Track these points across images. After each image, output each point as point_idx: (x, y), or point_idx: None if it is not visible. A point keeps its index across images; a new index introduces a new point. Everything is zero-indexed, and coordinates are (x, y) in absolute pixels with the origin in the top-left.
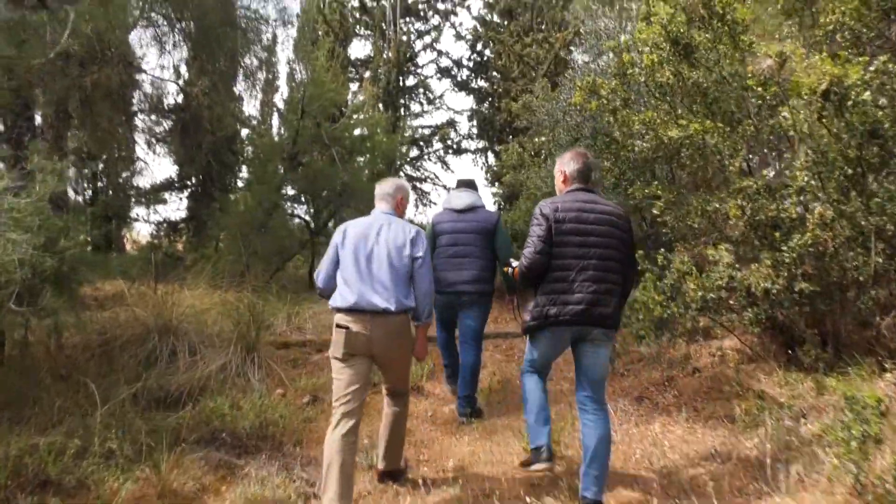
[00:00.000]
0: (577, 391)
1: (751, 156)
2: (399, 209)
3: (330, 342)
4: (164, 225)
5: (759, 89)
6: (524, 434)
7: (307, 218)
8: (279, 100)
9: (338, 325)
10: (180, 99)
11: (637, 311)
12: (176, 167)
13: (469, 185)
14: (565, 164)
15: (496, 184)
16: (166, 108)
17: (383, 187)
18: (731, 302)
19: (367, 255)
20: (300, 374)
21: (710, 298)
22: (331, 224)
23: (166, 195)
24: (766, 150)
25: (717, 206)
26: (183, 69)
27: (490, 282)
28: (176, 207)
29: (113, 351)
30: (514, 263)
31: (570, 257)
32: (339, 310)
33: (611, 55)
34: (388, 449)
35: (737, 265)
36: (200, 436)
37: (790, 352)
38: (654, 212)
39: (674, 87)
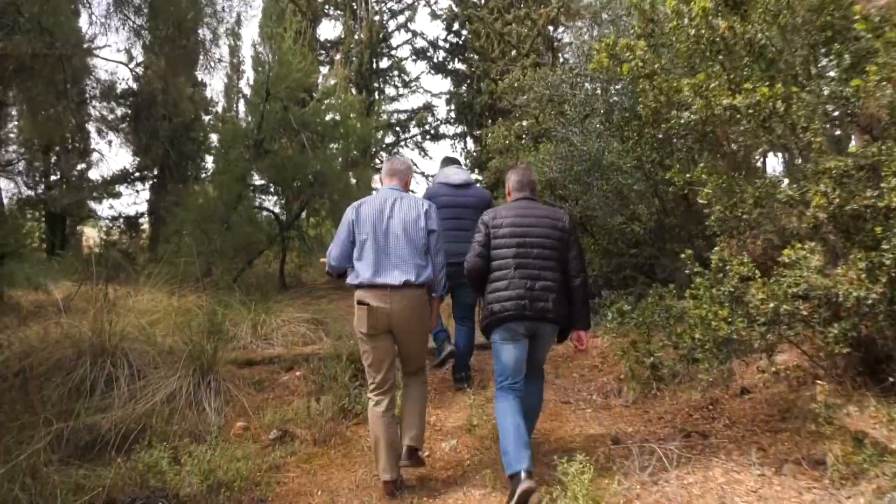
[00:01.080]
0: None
1: (835, 129)
2: (406, 187)
3: (302, 355)
4: (120, 220)
5: (869, 35)
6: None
7: (276, 210)
8: (245, 85)
9: (359, 302)
10: (133, 83)
11: (692, 327)
12: (131, 158)
13: (457, 162)
14: (508, 179)
15: (476, 170)
16: (118, 92)
17: (394, 164)
18: (805, 313)
19: (383, 230)
20: (266, 400)
21: (783, 311)
22: (303, 216)
23: (122, 188)
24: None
25: (792, 193)
26: (137, 51)
27: None
28: (132, 201)
29: (35, 379)
30: None
31: (508, 257)
32: (359, 286)
33: (633, 13)
34: (410, 427)
35: (824, 269)
36: (133, 498)
37: (870, 372)
38: (701, 200)
39: (729, 44)
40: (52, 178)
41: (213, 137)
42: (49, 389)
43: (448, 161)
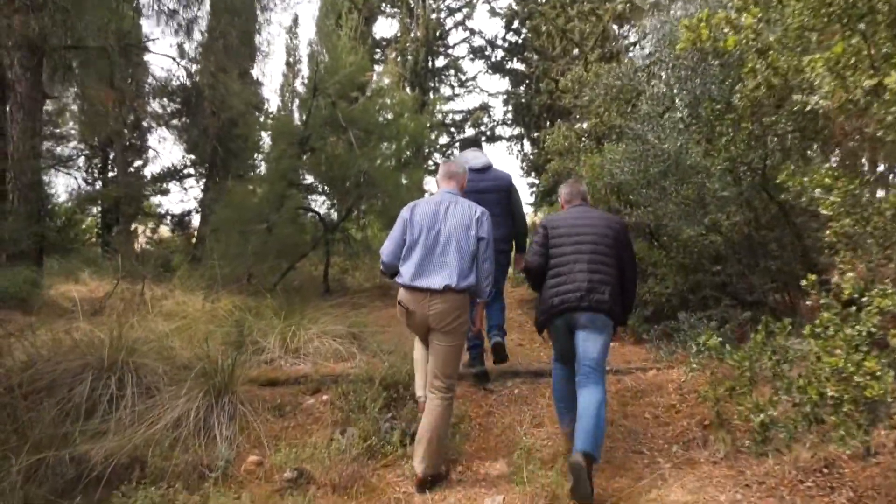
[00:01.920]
0: (577, 372)
1: None
2: (462, 190)
3: (331, 375)
4: (168, 218)
5: None
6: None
7: (321, 211)
8: (300, 84)
9: (399, 303)
10: (186, 80)
11: (819, 378)
12: (182, 155)
13: (478, 144)
14: (562, 193)
15: (533, 173)
16: (171, 88)
17: (451, 168)
18: None
19: (434, 233)
20: (286, 430)
21: None
22: (352, 218)
23: (171, 185)
24: None
25: None
26: (189, 46)
27: (511, 240)
28: (180, 199)
29: (33, 395)
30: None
31: (567, 254)
32: (402, 286)
33: None
34: (427, 449)
35: None
36: None
37: None
38: (824, 211)
39: (876, 6)
40: (111, 174)
41: (264, 136)
42: (45, 408)
43: (467, 143)
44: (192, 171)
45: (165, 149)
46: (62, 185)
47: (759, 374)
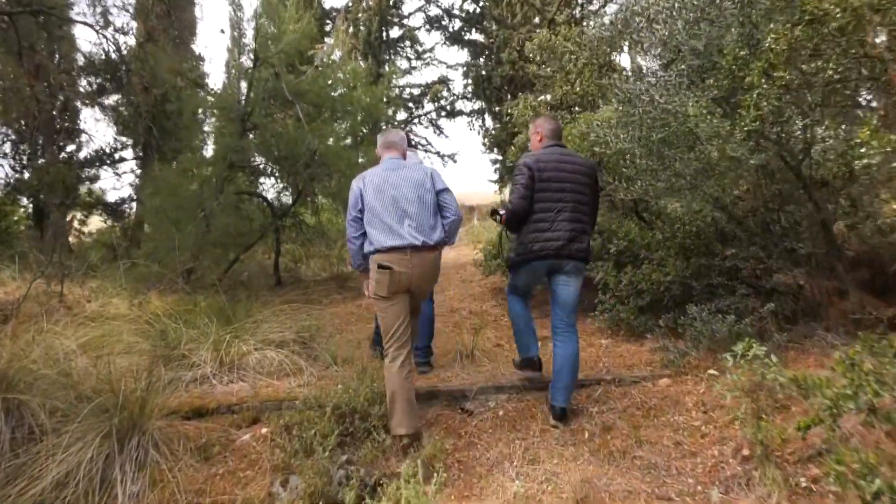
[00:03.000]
0: (553, 318)
1: None
2: (404, 156)
3: (273, 401)
4: (101, 208)
5: None
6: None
7: (268, 196)
8: (247, 59)
9: (380, 266)
10: (113, 52)
11: None
12: (113, 136)
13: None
14: (540, 126)
15: (495, 149)
16: (96, 63)
17: (389, 137)
18: None
19: (394, 196)
20: (212, 480)
21: None
22: (305, 201)
23: (102, 170)
24: None
25: None
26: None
27: None
28: (111, 186)
29: None
30: (502, 210)
31: (551, 201)
32: (379, 251)
33: None
34: (405, 411)
35: None
36: None
37: None
38: None
39: None
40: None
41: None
42: None
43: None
44: (126, 154)
45: (99, 131)
46: None
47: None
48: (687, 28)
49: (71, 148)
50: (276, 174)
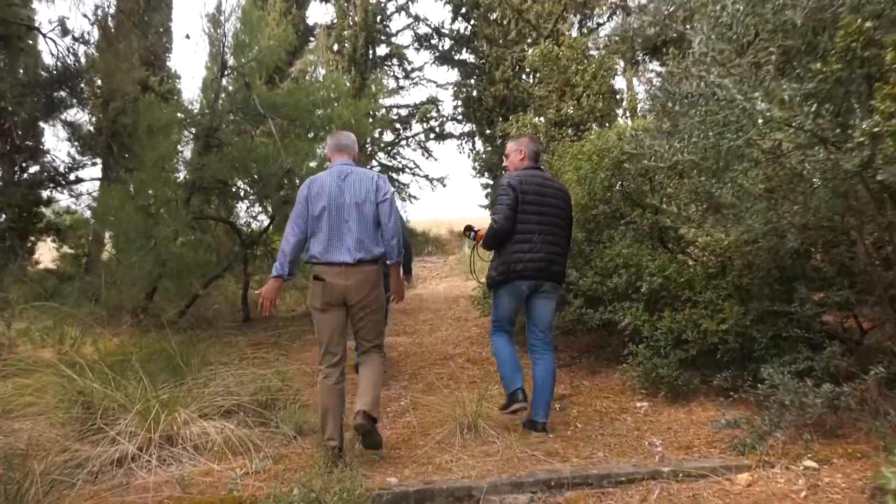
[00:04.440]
0: (529, 336)
1: None
2: (355, 160)
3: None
4: (54, 233)
5: None
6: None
7: (234, 221)
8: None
9: (315, 277)
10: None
11: None
12: (69, 154)
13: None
14: (524, 146)
15: (486, 173)
16: (54, 73)
17: (340, 139)
18: None
19: (337, 205)
20: None
21: None
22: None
23: (56, 192)
24: None
25: None
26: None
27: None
28: (64, 209)
29: None
30: (476, 227)
31: (531, 223)
32: (315, 261)
33: None
34: (363, 395)
35: None
36: None
37: None
38: None
39: None
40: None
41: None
42: None
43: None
44: (84, 174)
45: (60, 149)
46: None
47: None
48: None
49: (34, 169)
50: (246, 196)
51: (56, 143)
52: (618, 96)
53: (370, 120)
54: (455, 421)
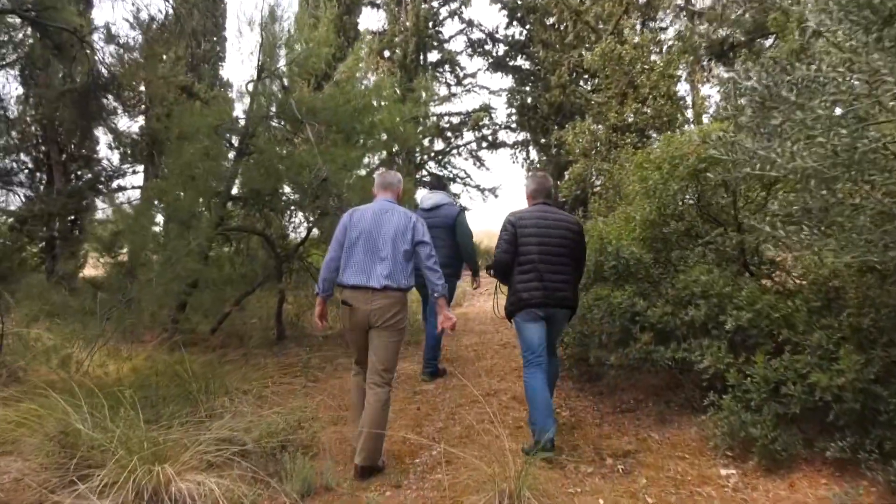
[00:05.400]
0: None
1: None
2: (398, 198)
3: None
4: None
5: None
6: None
7: (268, 234)
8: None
9: (343, 302)
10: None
11: None
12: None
13: (436, 187)
14: (526, 188)
15: None
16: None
17: (386, 178)
18: None
19: (374, 237)
20: None
21: None
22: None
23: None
24: None
25: None
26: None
27: (454, 266)
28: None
29: None
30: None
31: (533, 254)
32: (343, 287)
33: None
34: (367, 441)
35: None
36: None
37: None
38: None
39: None
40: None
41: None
42: None
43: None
44: (125, 181)
45: (110, 157)
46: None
47: None
48: None
49: (88, 176)
50: (280, 208)
51: (107, 151)
52: (681, 102)
53: (418, 127)
54: (495, 487)
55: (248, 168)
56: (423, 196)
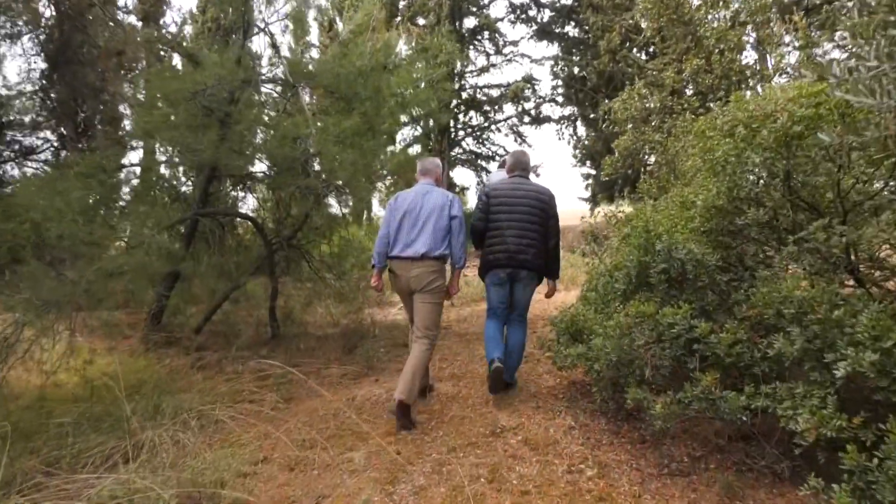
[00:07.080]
0: (508, 316)
1: None
2: (438, 181)
3: None
4: None
5: None
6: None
7: (258, 219)
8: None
9: (390, 271)
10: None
11: None
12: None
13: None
14: (507, 160)
15: (588, 162)
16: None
17: (426, 164)
18: None
19: (416, 214)
20: None
21: None
22: (313, 228)
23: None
24: None
25: None
26: None
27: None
28: None
29: None
30: None
31: (502, 221)
32: (391, 258)
33: None
34: (404, 382)
35: None
36: None
37: None
38: None
39: None
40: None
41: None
42: None
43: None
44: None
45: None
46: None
47: None
48: None
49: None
50: (267, 189)
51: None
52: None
53: (434, 94)
54: None
55: (212, 141)
56: (493, 173)
